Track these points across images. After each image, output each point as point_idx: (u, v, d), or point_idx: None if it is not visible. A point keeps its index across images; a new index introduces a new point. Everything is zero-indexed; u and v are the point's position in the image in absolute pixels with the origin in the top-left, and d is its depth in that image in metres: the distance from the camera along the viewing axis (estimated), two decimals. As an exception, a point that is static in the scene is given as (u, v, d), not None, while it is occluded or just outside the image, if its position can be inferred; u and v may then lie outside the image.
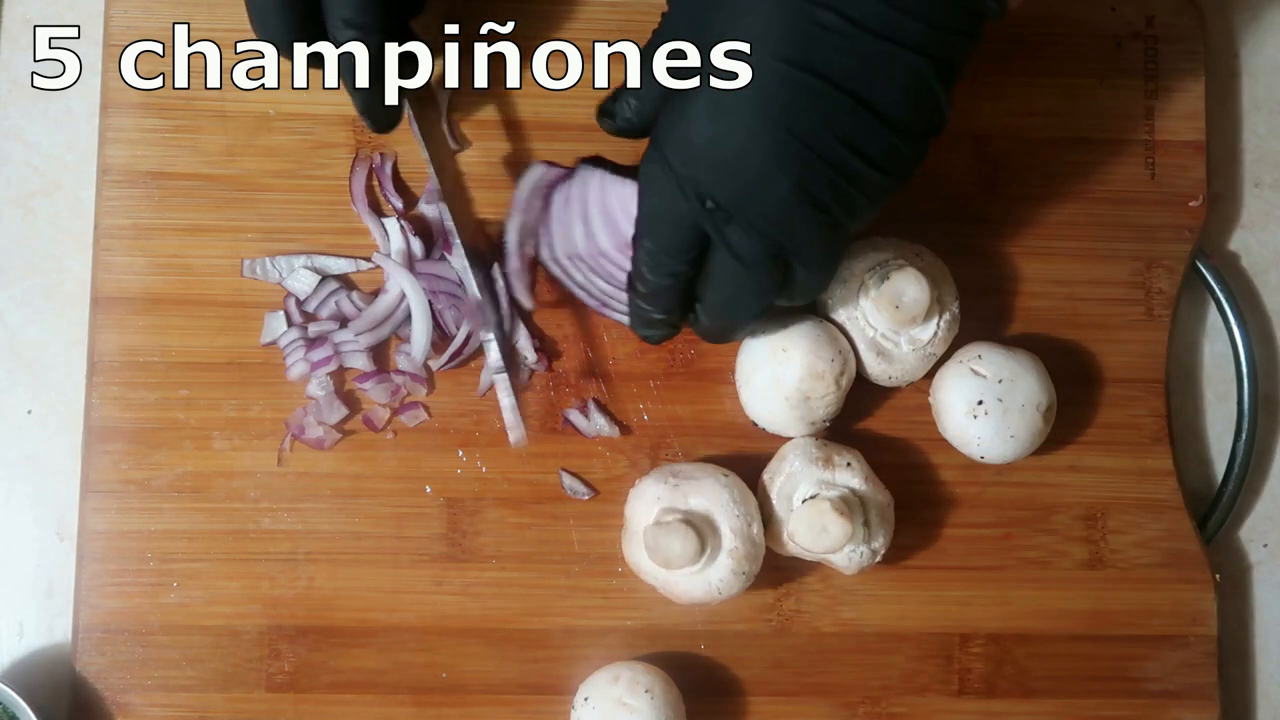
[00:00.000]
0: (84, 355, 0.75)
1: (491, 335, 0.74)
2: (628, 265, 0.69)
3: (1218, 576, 0.77)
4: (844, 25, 0.59)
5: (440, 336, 0.75)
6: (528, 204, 0.73)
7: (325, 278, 0.75)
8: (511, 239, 0.73)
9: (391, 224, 0.75)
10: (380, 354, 0.76)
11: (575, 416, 0.75)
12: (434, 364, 0.75)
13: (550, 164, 0.72)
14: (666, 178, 0.63)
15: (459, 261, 0.74)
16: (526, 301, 0.75)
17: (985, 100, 0.78)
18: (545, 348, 0.76)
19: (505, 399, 0.74)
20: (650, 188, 0.64)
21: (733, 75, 0.60)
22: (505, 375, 0.74)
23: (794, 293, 0.67)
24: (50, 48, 0.77)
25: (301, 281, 0.75)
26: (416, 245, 0.75)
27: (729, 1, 0.61)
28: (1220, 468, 0.80)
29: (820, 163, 0.61)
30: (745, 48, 0.60)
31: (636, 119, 0.68)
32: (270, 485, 0.74)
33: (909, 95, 0.61)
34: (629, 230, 0.68)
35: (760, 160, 0.61)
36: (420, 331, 0.75)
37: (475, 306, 0.74)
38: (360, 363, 0.75)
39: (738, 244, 0.63)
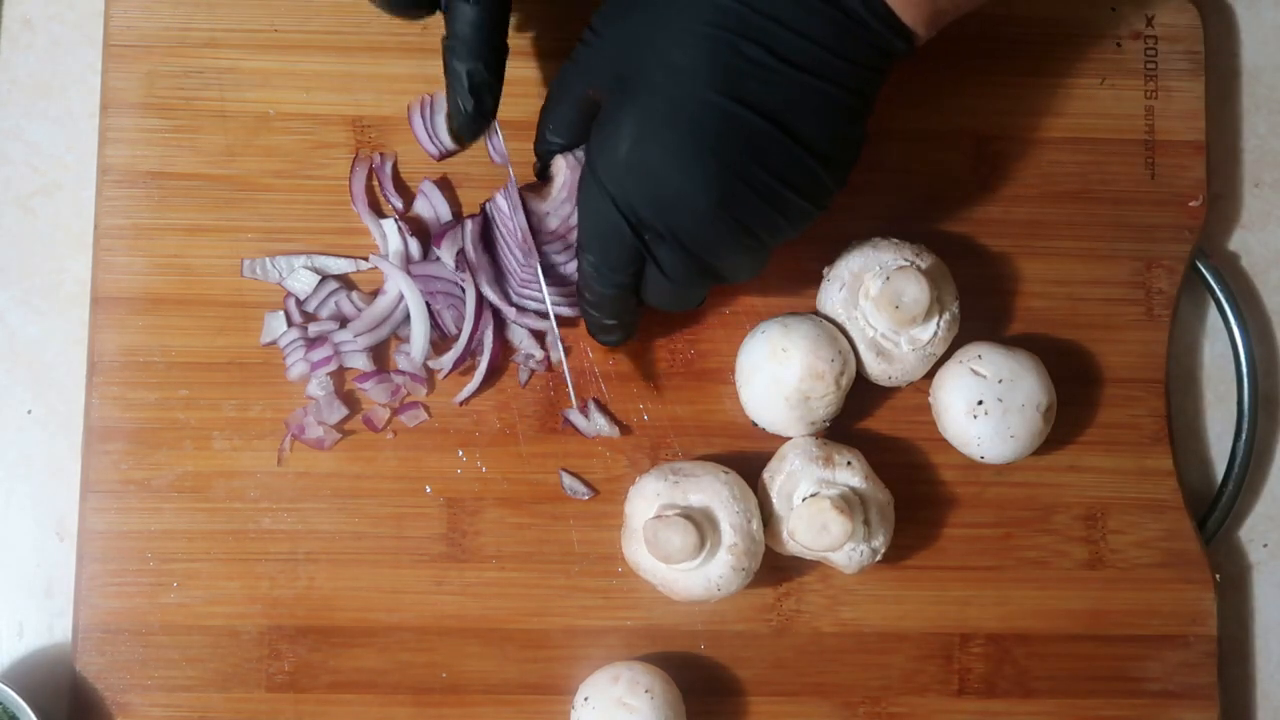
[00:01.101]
0: (84, 355, 0.75)
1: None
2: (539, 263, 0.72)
3: (1218, 576, 0.77)
4: (769, 59, 0.62)
5: (440, 337, 0.75)
6: (477, 255, 0.74)
7: (325, 278, 0.75)
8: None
9: (389, 225, 0.75)
10: (380, 354, 0.76)
11: (575, 416, 0.75)
12: (434, 365, 0.75)
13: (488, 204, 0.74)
14: (601, 196, 0.65)
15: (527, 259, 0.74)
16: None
17: (985, 100, 0.78)
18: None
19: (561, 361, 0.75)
20: (587, 205, 0.67)
21: (660, 98, 0.63)
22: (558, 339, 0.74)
23: (723, 283, 0.70)
24: (50, 48, 0.77)
25: (301, 281, 0.75)
26: (414, 246, 0.75)
27: (659, 29, 0.63)
28: (1220, 468, 0.80)
29: (744, 188, 0.64)
30: (674, 75, 0.62)
31: (564, 142, 0.70)
32: (270, 485, 0.74)
33: (829, 126, 0.64)
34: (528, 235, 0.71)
35: (685, 184, 0.63)
36: (419, 333, 0.75)
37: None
38: (360, 363, 0.75)
39: (666, 261, 0.66)
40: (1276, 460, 0.81)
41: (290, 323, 0.75)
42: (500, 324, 0.75)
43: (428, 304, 0.75)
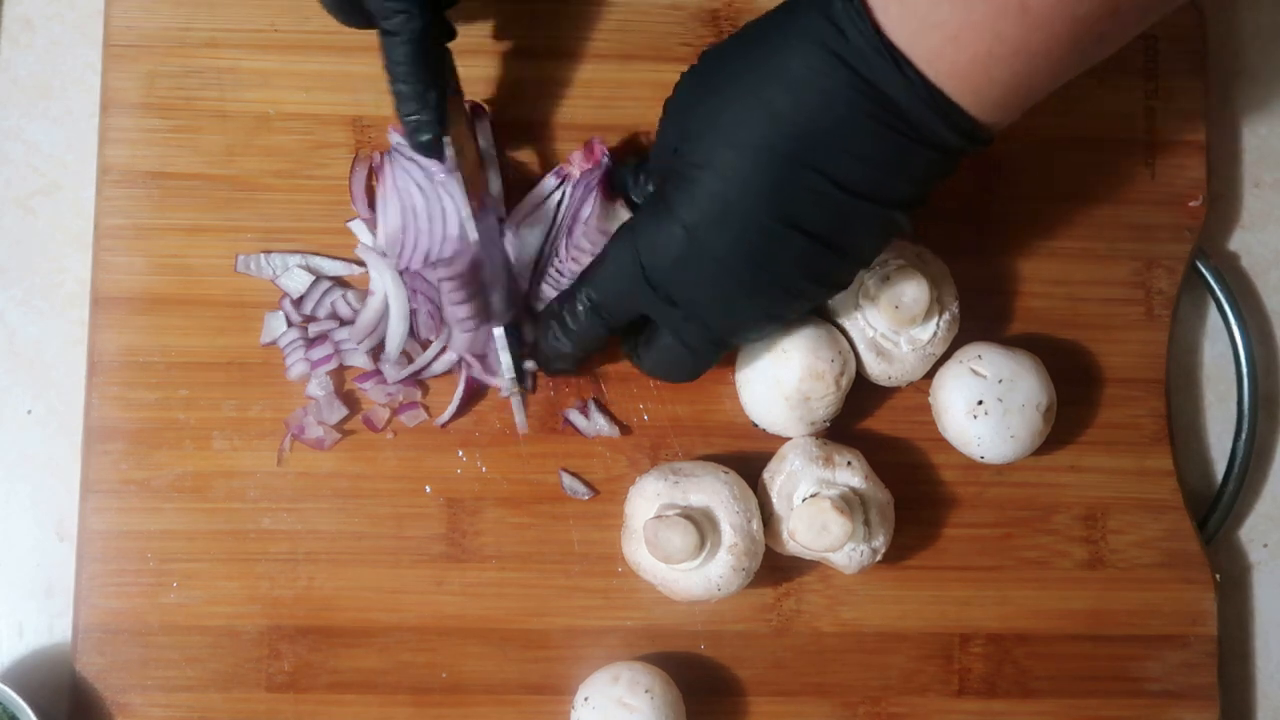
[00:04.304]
0: (84, 355, 0.75)
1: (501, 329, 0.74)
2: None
3: (1218, 576, 0.77)
4: (826, 186, 0.61)
5: (411, 336, 0.75)
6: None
7: (319, 278, 0.75)
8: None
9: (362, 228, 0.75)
10: (379, 354, 0.75)
11: (575, 416, 0.75)
12: (391, 373, 0.74)
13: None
14: (634, 266, 0.65)
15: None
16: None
17: (985, 100, 0.78)
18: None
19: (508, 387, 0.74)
20: (615, 264, 0.67)
21: (717, 204, 0.63)
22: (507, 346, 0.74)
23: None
24: (50, 48, 0.77)
25: (295, 280, 0.75)
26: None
27: (723, 150, 0.62)
28: (1220, 468, 0.80)
29: (785, 294, 0.65)
30: (732, 186, 0.62)
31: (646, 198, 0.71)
32: (270, 485, 0.74)
33: (878, 237, 0.64)
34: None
35: (728, 290, 0.64)
36: (396, 330, 0.74)
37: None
38: (360, 361, 0.75)
39: (688, 336, 0.67)
40: (1276, 460, 0.81)
41: (289, 323, 0.75)
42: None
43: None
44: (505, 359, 0.73)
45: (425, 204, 0.73)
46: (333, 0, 0.68)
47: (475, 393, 0.75)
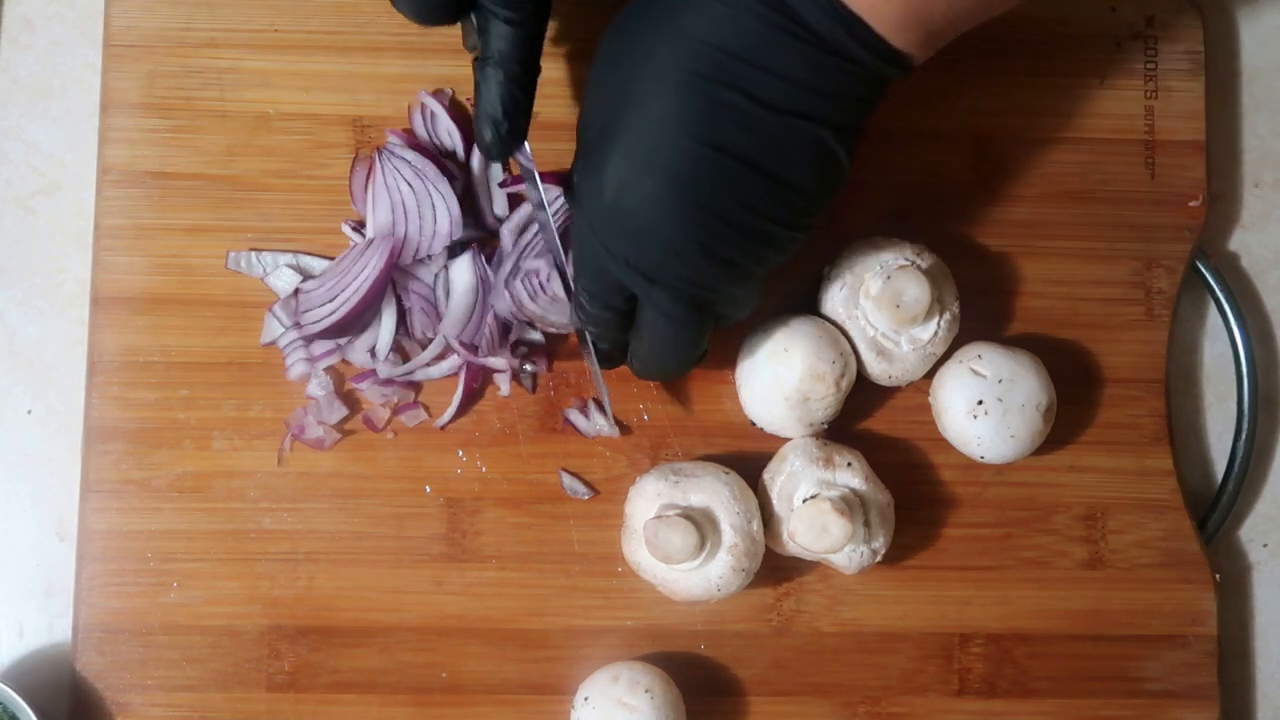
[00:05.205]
0: (84, 355, 0.75)
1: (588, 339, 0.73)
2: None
3: (1218, 576, 0.77)
4: (747, 104, 0.62)
5: (405, 334, 0.75)
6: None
7: (308, 278, 0.75)
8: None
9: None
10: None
11: (575, 416, 0.75)
12: (384, 371, 0.74)
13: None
14: (588, 235, 0.65)
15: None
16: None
17: (985, 100, 0.78)
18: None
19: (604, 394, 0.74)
20: (578, 243, 0.67)
21: (639, 145, 0.62)
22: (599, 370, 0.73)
23: (722, 323, 0.69)
24: (50, 48, 0.77)
25: (282, 280, 0.75)
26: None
27: (639, 77, 0.63)
28: (1220, 468, 0.80)
29: (728, 230, 0.64)
30: (651, 122, 0.62)
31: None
32: (270, 485, 0.74)
33: (811, 163, 0.64)
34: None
35: (670, 233, 0.63)
36: (386, 329, 0.74)
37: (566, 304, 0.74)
38: (361, 359, 0.74)
39: (661, 303, 0.66)
40: (1276, 460, 0.81)
41: (282, 325, 0.75)
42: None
43: (400, 301, 0.74)
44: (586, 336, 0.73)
45: (416, 202, 0.74)
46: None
47: (475, 393, 0.75)
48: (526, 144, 0.69)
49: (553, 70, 0.76)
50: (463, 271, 0.74)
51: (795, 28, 0.61)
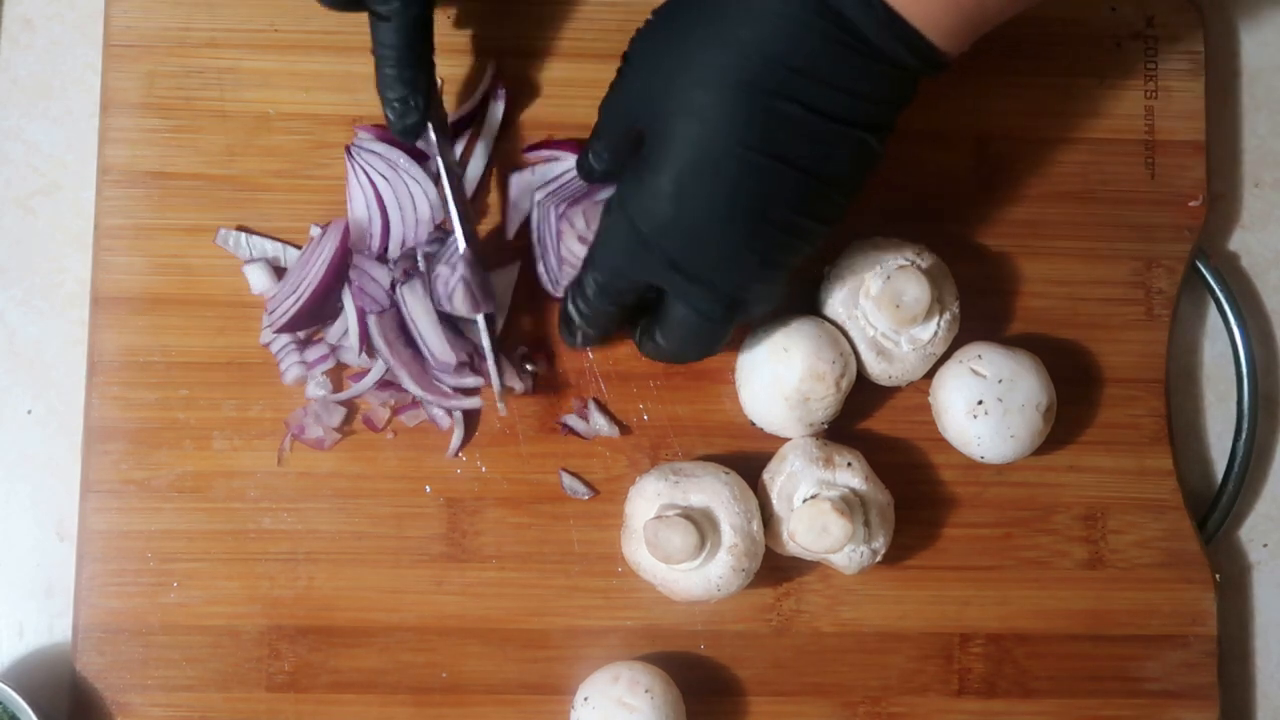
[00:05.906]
0: (84, 355, 0.75)
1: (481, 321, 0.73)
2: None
3: (1218, 576, 0.77)
4: (805, 115, 0.63)
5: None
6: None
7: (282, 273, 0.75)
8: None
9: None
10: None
11: (574, 421, 0.75)
12: (347, 358, 0.74)
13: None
14: (631, 236, 0.66)
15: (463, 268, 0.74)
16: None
17: (985, 100, 0.78)
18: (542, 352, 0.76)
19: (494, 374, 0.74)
20: (611, 239, 0.67)
21: (698, 152, 0.63)
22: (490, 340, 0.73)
23: (748, 319, 0.70)
24: (50, 48, 0.77)
25: (256, 276, 0.75)
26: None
27: (690, 74, 0.63)
28: (1220, 468, 0.80)
29: (780, 234, 0.65)
30: (710, 129, 0.63)
31: (610, 167, 0.71)
32: (270, 485, 0.74)
33: (855, 162, 0.65)
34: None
35: (731, 242, 0.65)
36: (351, 315, 0.74)
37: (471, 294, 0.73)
38: (356, 360, 0.74)
39: (700, 302, 0.66)
40: (1276, 460, 0.81)
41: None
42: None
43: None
44: (486, 343, 0.73)
45: (393, 192, 0.74)
46: None
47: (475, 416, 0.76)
48: (429, 126, 0.71)
49: (557, 71, 0.77)
50: (416, 301, 0.73)
51: (852, 40, 0.62)
